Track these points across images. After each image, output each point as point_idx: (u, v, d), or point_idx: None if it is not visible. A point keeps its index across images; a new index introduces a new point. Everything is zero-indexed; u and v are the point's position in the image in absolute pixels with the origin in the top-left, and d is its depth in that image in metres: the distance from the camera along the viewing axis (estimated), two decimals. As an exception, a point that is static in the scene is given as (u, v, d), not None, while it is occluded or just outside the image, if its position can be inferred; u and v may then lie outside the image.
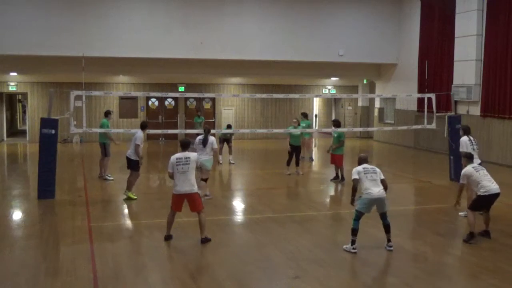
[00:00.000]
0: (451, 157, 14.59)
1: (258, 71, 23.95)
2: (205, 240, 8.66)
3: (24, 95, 25.07)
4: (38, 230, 9.64)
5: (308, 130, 17.27)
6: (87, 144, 23.53)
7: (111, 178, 14.48)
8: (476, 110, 18.84)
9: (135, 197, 12.04)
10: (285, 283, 7.17)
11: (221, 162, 17.67)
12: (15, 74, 23.05)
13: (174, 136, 24.21)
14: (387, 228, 8.43)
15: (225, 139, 17.89)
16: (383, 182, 8.43)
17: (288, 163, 15.47)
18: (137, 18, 20.50)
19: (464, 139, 10.95)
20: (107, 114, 14.93)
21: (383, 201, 8.32)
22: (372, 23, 23.05)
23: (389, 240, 8.42)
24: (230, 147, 17.91)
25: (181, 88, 25.13)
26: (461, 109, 19.38)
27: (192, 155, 8.75)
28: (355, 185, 8.36)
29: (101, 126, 14.75)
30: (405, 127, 18.24)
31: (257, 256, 8.18)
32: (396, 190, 13.57)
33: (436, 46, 20.85)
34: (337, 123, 14.98)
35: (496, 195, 8.95)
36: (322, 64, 23.90)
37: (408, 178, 16.07)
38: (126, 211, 11.56)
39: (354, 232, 8.26)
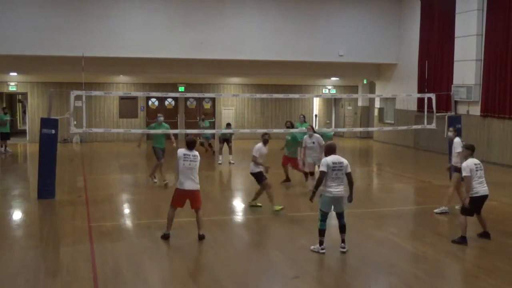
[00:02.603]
0: (451, 157, 14.55)
1: (258, 71, 23.94)
2: (202, 237, 8.72)
3: (24, 95, 25.06)
4: (38, 230, 9.65)
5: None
6: (87, 144, 23.52)
7: (155, 181, 13.82)
8: (476, 110, 18.83)
9: (280, 207, 10.89)
10: (285, 283, 7.17)
11: (220, 162, 17.67)
12: (15, 74, 23.05)
13: (174, 136, 24.16)
14: (342, 229, 8.22)
15: (224, 139, 17.90)
16: (348, 176, 8.13)
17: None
18: (137, 18, 20.50)
19: (457, 140, 10.92)
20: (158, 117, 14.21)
21: (341, 200, 8.16)
22: (372, 23, 23.05)
23: (343, 241, 8.19)
24: (230, 147, 17.90)
25: (181, 88, 25.12)
26: (461, 109, 19.38)
27: (198, 154, 8.76)
28: (321, 178, 8.11)
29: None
30: (405, 127, 18.24)
31: (257, 256, 8.19)
32: (396, 190, 13.60)
33: (436, 46, 20.85)
34: (290, 125, 14.64)
35: (484, 197, 8.80)
36: (322, 64, 23.89)
37: (408, 178, 16.06)
38: (126, 211, 11.56)
39: (322, 232, 8.07)
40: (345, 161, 8.19)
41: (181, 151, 8.68)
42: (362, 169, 16.40)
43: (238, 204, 12.32)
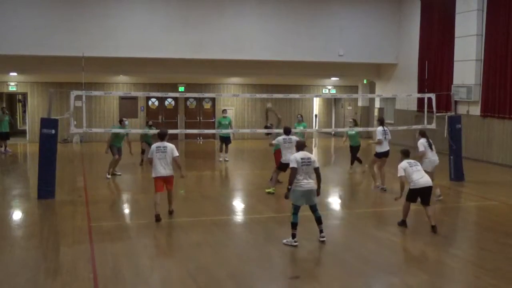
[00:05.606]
0: (451, 157, 14.59)
1: (258, 71, 23.93)
2: (172, 212, 10.24)
3: (24, 95, 25.06)
4: (38, 230, 9.64)
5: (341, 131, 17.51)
6: (87, 144, 23.52)
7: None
8: (476, 110, 18.83)
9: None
10: (285, 283, 7.17)
11: (221, 159, 17.74)
12: (15, 74, 23.04)
13: (174, 136, 24.18)
14: (318, 220, 8.60)
15: (224, 139, 17.88)
16: (316, 171, 8.57)
17: (352, 163, 16.26)
18: (137, 18, 20.48)
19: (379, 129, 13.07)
20: (120, 121, 16.04)
21: (312, 194, 8.53)
22: (372, 23, 23.03)
23: (321, 231, 8.57)
24: (227, 146, 17.94)
25: (181, 88, 25.12)
26: (461, 109, 19.37)
27: (169, 145, 9.91)
28: (294, 174, 8.42)
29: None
30: (405, 127, 18.23)
31: (257, 256, 8.18)
32: (396, 190, 13.57)
33: (436, 46, 20.84)
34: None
35: (427, 189, 9.38)
36: (322, 64, 23.88)
37: (408, 178, 16.02)
38: (126, 211, 11.57)
39: (294, 226, 8.43)
40: (312, 156, 8.67)
41: (154, 145, 9.97)
42: (362, 169, 16.40)
43: (238, 204, 12.32)
